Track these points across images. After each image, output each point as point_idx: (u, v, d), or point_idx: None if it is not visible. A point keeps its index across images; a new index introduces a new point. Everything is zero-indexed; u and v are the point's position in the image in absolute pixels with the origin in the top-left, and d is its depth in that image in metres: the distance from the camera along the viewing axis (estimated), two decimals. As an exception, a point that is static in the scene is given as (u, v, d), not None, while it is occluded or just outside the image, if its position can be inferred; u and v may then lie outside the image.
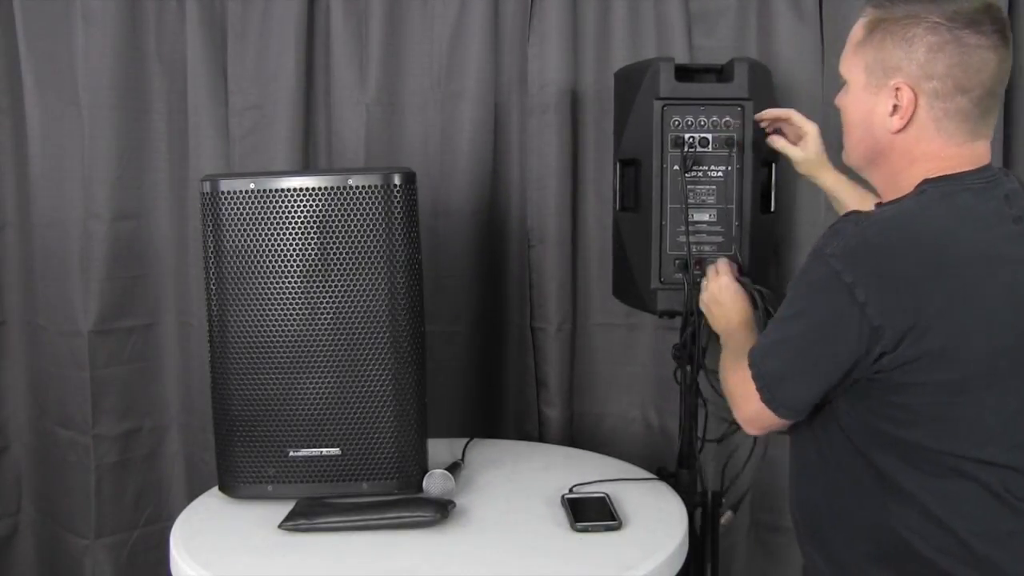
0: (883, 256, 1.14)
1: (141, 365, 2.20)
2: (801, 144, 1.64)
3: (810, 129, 1.63)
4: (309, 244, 1.56)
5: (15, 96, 2.13)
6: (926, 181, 1.20)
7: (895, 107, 1.21)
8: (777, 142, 1.68)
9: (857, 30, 1.28)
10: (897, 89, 1.20)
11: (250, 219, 1.56)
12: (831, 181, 1.65)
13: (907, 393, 1.16)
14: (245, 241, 1.57)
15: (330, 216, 1.55)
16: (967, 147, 1.21)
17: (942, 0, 1.19)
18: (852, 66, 1.27)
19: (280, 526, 1.50)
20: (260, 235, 1.56)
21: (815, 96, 2.07)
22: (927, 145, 1.21)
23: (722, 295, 1.58)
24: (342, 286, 1.57)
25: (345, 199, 1.55)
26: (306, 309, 1.57)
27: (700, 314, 1.67)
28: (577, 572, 1.39)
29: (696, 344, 1.86)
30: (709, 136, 1.75)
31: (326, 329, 1.57)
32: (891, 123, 1.22)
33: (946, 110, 1.19)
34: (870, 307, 1.12)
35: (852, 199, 1.60)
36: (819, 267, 1.17)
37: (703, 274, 1.70)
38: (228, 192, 1.56)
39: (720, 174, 1.77)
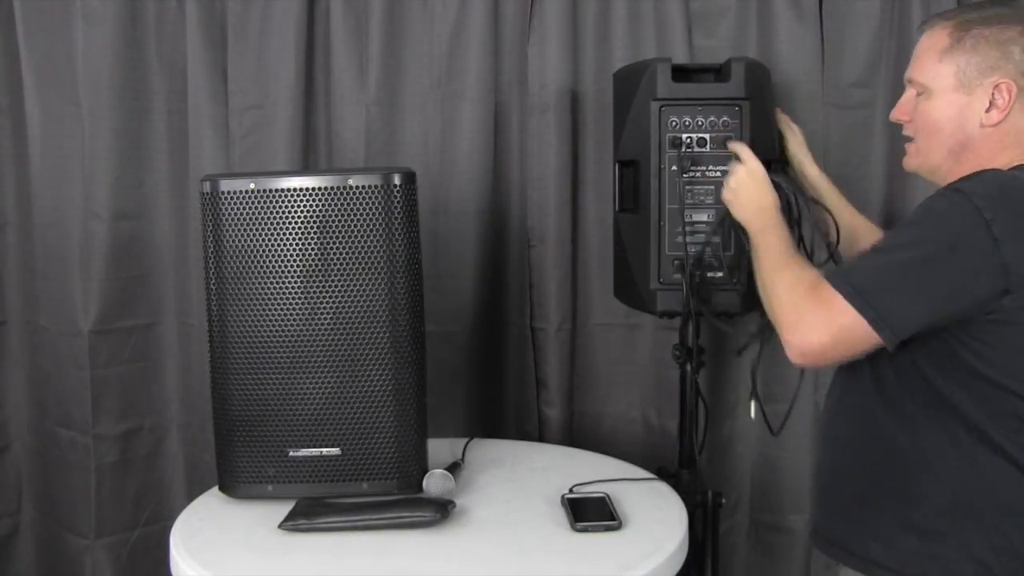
0: None
1: (141, 365, 2.20)
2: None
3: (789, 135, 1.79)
4: (309, 244, 1.56)
5: (15, 96, 2.13)
6: (1020, 167, 1.28)
7: (992, 104, 1.30)
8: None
9: (940, 38, 1.33)
10: (996, 87, 1.29)
11: (250, 219, 1.56)
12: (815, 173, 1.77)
13: (1011, 334, 1.20)
14: (245, 241, 1.57)
15: (330, 216, 1.55)
16: None
17: (1020, 9, 1.30)
18: (938, 72, 1.33)
19: (280, 526, 1.50)
20: (260, 235, 1.56)
21: (815, 96, 2.07)
22: (1017, 135, 1.31)
23: (753, 179, 1.52)
24: (342, 286, 1.57)
25: (345, 199, 1.55)
26: (306, 309, 1.57)
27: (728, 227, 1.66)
28: (577, 572, 1.39)
29: (696, 344, 1.86)
30: (707, 136, 1.75)
31: (326, 329, 1.57)
32: (988, 118, 1.30)
33: None
34: (1004, 244, 1.17)
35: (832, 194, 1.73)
36: (956, 201, 1.21)
37: (702, 275, 1.71)
38: (228, 192, 1.56)
39: (718, 174, 1.77)
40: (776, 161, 1.80)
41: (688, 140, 1.75)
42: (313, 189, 1.55)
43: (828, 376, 2.12)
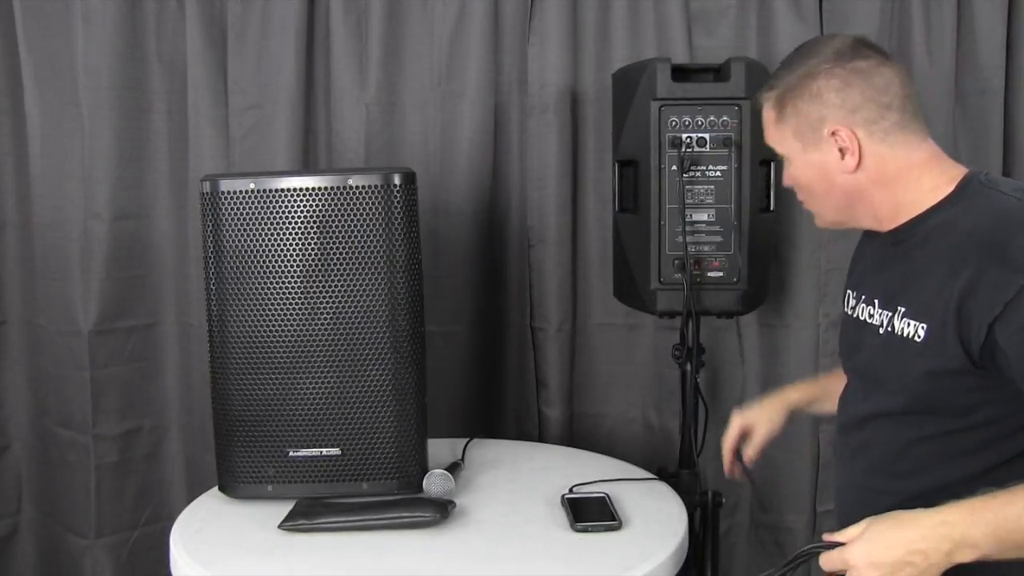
0: None
1: (141, 365, 2.20)
2: (760, 431, 1.58)
3: (756, 420, 1.58)
4: (309, 244, 1.56)
5: (15, 96, 2.13)
6: (973, 178, 1.21)
7: (841, 151, 1.24)
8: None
9: (768, 112, 1.30)
10: (834, 134, 1.24)
11: (250, 219, 1.56)
12: (803, 394, 1.61)
13: None
14: (245, 241, 1.57)
15: (330, 216, 1.55)
16: (927, 144, 1.25)
17: (819, 50, 1.26)
18: (782, 140, 1.30)
19: (280, 526, 1.50)
20: (260, 235, 1.56)
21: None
22: (894, 163, 1.24)
23: (893, 549, 1.08)
24: (342, 286, 1.57)
25: (345, 199, 1.55)
26: (306, 309, 1.57)
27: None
28: (577, 572, 1.39)
29: (696, 344, 1.86)
30: (707, 136, 1.75)
31: (326, 329, 1.57)
32: (847, 164, 1.24)
33: (885, 128, 1.23)
34: None
35: (823, 388, 1.58)
36: None
37: (702, 274, 1.70)
38: (228, 192, 1.56)
39: (718, 174, 1.78)
40: (776, 160, 1.80)
41: (688, 140, 1.76)
42: (313, 189, 1.55)
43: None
